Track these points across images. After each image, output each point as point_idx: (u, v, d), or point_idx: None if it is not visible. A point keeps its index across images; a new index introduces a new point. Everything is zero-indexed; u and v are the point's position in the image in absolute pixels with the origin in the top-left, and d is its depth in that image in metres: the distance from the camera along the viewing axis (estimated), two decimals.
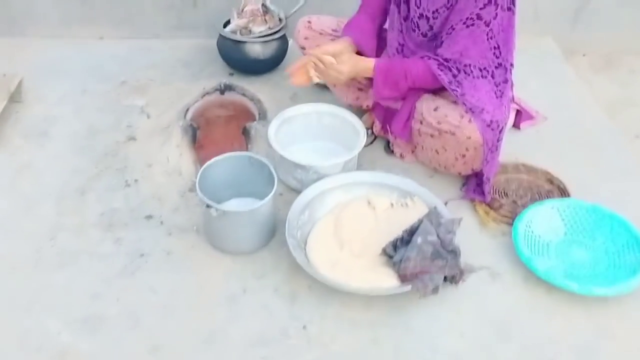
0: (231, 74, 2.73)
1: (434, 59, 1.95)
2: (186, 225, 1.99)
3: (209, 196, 1.80)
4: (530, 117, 2.44)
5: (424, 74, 1.96)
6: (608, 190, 2.12)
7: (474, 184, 2.09)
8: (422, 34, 2.03)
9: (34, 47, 2.89)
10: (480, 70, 1.94)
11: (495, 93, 1.96)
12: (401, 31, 2.09)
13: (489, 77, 1.95)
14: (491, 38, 1.90)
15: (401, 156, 2.25)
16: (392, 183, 2.04)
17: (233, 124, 2.52)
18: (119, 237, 1.95)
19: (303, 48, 2.28)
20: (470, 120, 1.91)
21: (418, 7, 1.98)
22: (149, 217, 2.03)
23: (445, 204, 2.02)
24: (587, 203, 1.98)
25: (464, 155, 1.99)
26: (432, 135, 2.04)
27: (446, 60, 1.94)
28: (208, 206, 1.76)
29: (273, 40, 2.61)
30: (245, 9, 2.59)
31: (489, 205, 2.04)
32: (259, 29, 2.60)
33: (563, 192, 2.10)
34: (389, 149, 2.29)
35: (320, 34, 2.25)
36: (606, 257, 1.88)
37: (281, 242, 1.88)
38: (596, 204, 1.97)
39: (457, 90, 1.93)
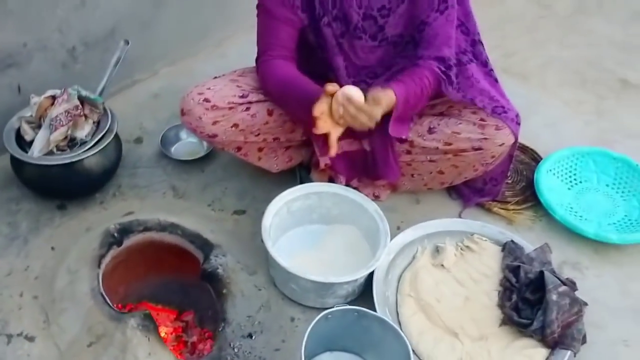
0: (61, 207, 1.83)
1: (430, 63, 1.58)
2: None
3: None
4: None
5: (431, 86, 1.57)
6: None
7: (471, 189, 1.88)
8: (370, 36, 1.62)
9: None
10: (463, 53, 1.66)
11: (490, 75, 1.71)
12: (341, 50, 1.65)
13: (473, 59, 1.68)
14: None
15: (376, 197, 1.86)
16: (431, 229, 1.73)
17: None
18: None
19: (214, 136, 1.63)
20: (498, 127, 1.62)
21: (360, 8, 1.58)
22: None
23: (460, 215, 1.83)
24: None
25: (486, 164, 1.70)
26: (432, 160, 1.72)
27: (441, 59, 1.58)
28: None
29: (110, 140, 1.77)
30: (53, 115, 1.68)
31: (498, 201, 1.87)
32: (84, 132, 1.75)
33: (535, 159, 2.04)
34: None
35: (230, 108, 1.61)
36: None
37: None
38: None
39: (464, 95, 1.64)
